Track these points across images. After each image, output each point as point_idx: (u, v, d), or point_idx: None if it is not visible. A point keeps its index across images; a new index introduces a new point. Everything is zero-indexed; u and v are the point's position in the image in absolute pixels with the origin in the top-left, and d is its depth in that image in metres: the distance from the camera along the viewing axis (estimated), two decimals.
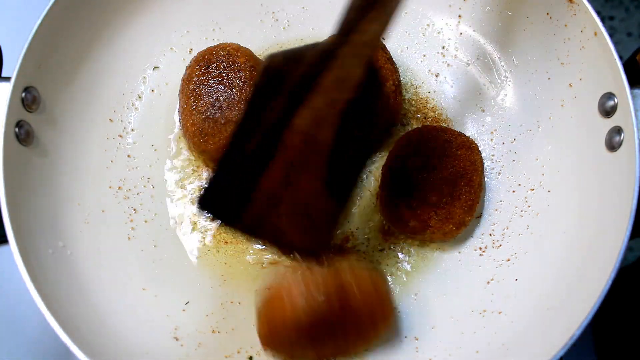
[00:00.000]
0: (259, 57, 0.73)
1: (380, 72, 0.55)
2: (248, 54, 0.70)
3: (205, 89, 0.67)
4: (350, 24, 0.52)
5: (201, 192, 0.57)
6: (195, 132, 0.67)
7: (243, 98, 0.67)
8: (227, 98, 0.67)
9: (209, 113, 0.66)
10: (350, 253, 0.68)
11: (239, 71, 0.68)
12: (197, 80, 0.68)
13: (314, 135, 0.53)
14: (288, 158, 0.54)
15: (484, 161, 0.71)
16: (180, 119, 0.70)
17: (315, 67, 0.53)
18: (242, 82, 0.67)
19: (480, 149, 0.70)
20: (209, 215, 0.61)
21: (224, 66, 0.68)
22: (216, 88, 0.67)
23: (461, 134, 0.68)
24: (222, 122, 0.66)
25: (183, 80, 0.70)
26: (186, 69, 0.70)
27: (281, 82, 0.54)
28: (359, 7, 0.52)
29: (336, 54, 0.52)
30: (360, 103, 0.54)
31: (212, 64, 0.68)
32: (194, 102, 0.67)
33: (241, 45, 0.71)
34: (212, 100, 0.67)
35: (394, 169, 0.67)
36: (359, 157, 0.58)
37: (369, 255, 0.68)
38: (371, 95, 0.56)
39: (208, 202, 0.57)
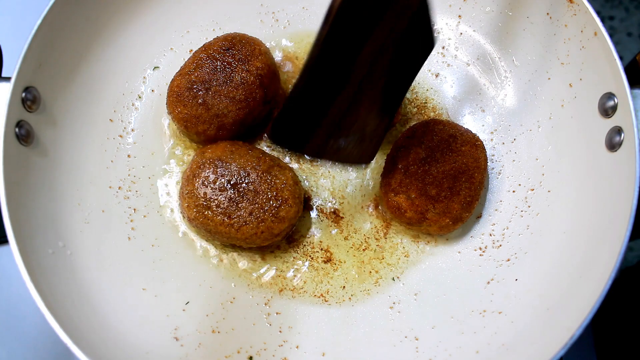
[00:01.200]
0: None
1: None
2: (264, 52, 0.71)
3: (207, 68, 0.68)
4: None
5: (272, 123, 0.58)
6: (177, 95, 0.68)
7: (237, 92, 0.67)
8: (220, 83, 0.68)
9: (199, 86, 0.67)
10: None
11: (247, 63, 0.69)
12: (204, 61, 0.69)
13: (375, 64, 0.57)
14: (353, 86, 0.58)
15: None
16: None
17: (383, 2, 0.56)
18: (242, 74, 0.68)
19: None
20: (279, 145, 0.62)
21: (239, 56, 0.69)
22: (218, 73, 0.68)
23: (467, 131, 0.68)
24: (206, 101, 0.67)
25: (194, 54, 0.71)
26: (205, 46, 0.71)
27: (360, 11, 0.55)
28: None
29: None
30: (413, 34, 0.59)
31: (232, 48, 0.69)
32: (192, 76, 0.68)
33: None
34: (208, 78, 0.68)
35: (397, 159, 0.67)
36: (405, 82, 0.63)
37: (370, 241, 0.69)
38: (419, 25, 0.59)
39: (279, 133, 0.59)
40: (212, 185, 0.64)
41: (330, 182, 0.72)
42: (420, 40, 0.60)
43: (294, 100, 0.58)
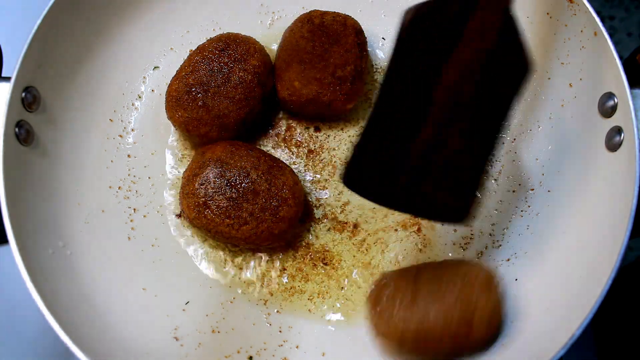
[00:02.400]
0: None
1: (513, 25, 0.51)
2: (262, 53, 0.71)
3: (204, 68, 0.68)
4: None
5: (345, 168, 0.54)
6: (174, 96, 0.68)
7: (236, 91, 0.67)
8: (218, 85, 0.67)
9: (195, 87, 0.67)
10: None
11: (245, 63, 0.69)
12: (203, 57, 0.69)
13: (460, 92, 0.51)
14: (438, 117, 0.51)
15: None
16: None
17: (460, 16, 0.50)
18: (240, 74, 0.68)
19: None
20: (356, 192, 0.55)
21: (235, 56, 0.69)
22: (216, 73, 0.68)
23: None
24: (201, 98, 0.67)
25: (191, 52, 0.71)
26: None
27: (425, 38, 0.51)
28: None
29: (476, 4, 0.50)
30: (500, 55, 0.51)
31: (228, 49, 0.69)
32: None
33: None
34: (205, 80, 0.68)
35: None
36: (499, 111, 0.53)
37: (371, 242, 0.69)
38: (510, 46, 0.52)
39: (353, 178, 0.54)
40: (211, 186, 0.64)
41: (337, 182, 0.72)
42: (511, 62, 0.52)
43: (365, 138, 0.53)
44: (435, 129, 0.51)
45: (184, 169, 0.72)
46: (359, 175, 0.54)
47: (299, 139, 0.74)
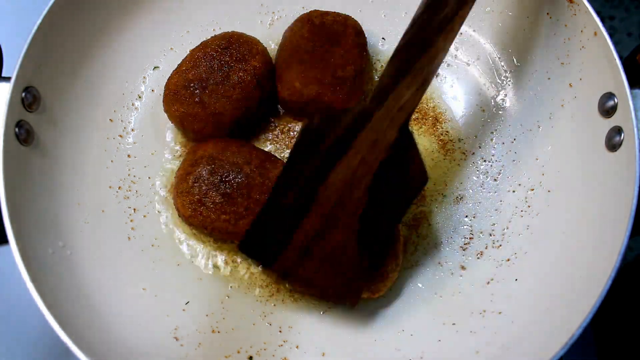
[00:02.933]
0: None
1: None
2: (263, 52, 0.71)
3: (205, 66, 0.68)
4: (386, 90, 0.56)
5: (243, 236, 0.62)
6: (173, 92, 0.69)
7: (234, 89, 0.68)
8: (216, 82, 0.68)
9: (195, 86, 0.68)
10: None
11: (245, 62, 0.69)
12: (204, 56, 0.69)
13: (347, 193, 0.57)
14: (322, 212, 0.58)
15: (484, 161, 0.71)
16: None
17: (351, 129, 0.56)
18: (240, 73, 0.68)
19: (479, 148, 0.71)
20: (248, 257, 0.66)
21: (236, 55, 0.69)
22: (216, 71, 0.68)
23: None
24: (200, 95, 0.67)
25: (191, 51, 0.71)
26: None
27: (318, 142, 0.57)
28: (393, 74, 0.56)
29: (371, 118, 0.56)
30: (393, 164, 0.57)
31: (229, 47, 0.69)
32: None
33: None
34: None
35: None
36: (392, 215, 0.60)
37: None
38: (404, 157, 0.58)
39: (248, 246, 0.63)
40: (205, 182, 0.64)
41: None
42: (406, 175, 0.59)
43: (262, 214, 0.61)
44: (318, 223, 0.58)
45: None
46: (255, 244, 0.62)
47: None
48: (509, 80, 0.74)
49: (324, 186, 0.57)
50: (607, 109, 0.60)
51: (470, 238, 0.69)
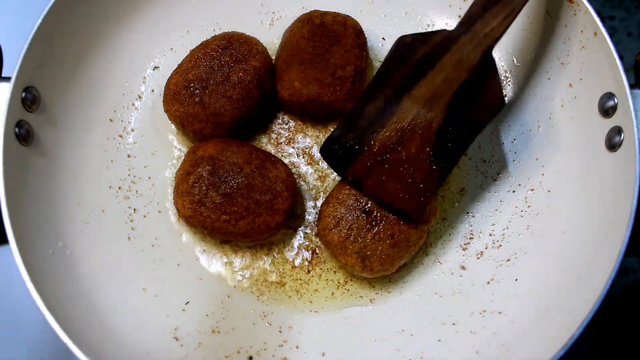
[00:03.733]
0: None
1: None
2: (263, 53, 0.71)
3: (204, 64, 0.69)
4: (475, 16, 0.62)
5: (324, 141, 0.66)
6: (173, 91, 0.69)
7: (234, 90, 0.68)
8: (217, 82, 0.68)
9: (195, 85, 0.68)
10: None
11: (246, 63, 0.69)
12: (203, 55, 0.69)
13: (427, 108, 0.62)
14: (401, 123, 0.62)
15: (484, 162, 0.71)
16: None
17: (438, 49, 0.62)
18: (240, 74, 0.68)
19: (479, 148, 0.71)
20: (327, 162, 0.68)
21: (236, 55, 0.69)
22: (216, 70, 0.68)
23: None
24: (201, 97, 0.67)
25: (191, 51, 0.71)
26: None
27: (408, 58, 0.63)
28: (483, 3, 0.62)
29: (457, 41, 0.62)
30: (474, 87, 0.62)
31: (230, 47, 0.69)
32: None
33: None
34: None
35: None
36: (465, 135, 0.63)
37: None
38: (484, 81, 0.62)
39: (328, 151, 0.66)
40: (205, 183, 0.64)
41: (333, 180, 0.72)
42: (483, 98, 0.62)
43: (344, 122, 0.65)
44: (397, 133, 0.63)
45: None
46: (333, 149, 0.66)
47: (299, 139, 0.74)
48: (509, 81, 0.74)
49: (407, 97, 0.62)
50: (607, 109, 0.60)
51: (470, 238, 0.69)
